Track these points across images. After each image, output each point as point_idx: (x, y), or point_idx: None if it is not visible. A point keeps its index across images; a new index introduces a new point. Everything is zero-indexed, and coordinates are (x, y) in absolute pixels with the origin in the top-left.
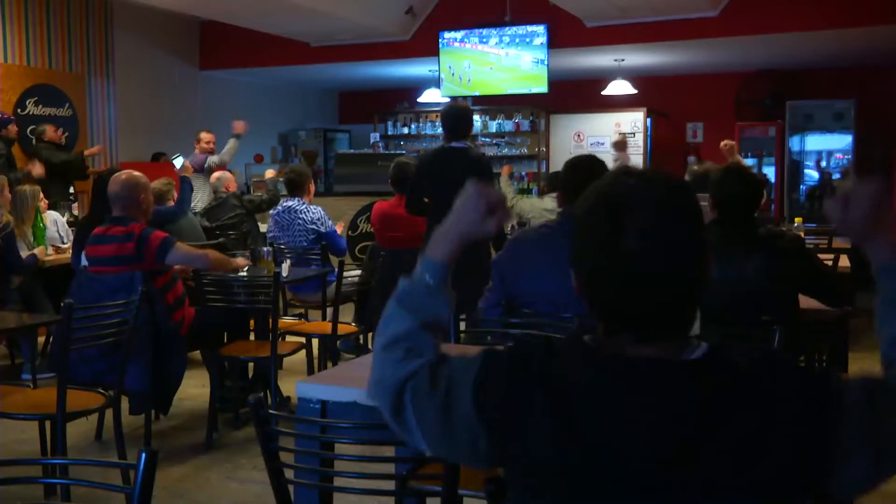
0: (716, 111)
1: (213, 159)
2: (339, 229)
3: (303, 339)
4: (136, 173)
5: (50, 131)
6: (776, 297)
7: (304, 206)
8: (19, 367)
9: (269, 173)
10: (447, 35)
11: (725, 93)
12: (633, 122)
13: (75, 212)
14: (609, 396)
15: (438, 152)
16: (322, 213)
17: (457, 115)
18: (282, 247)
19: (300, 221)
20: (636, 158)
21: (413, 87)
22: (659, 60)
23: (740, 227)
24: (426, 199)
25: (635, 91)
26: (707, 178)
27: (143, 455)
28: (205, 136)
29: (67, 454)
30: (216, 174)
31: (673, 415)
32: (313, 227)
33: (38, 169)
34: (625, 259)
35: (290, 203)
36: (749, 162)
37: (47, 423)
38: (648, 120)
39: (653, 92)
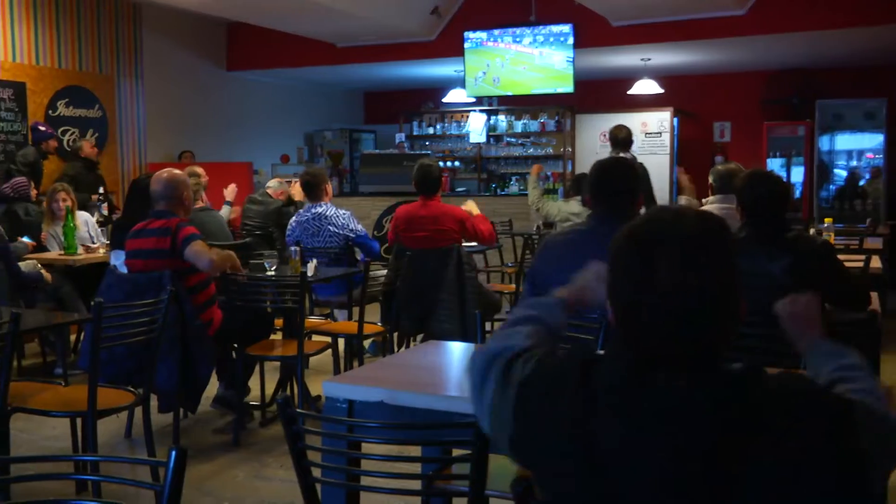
0: (743, 110)
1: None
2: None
3: (328, 339)
4: (177, 171)
5: (87, 147)
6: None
7: (333, 212)
8: (51, 364)
9: (297, 192)
10: (473, 35)
11: (753, 92)
12: (660, 121)
13: (104, 212)
14: (636, 431)
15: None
16: (351, 217)
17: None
18: (309, 248)
19: (331, 229)
20: (663, 159)
21: (438, 88)
22: (686, 59)
23: (769, 229)
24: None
25: (662, 90)
26: (731, 178)
27: (174, 453)
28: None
29: (98, 451)
30: (277, 179)
31: (702, 451)
32: (344, 233)
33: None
34: (657, 296)
35: (318, 209)
36: (777, 162)
37: (78, 421)
38: (675, 119)
39: (679, 91)
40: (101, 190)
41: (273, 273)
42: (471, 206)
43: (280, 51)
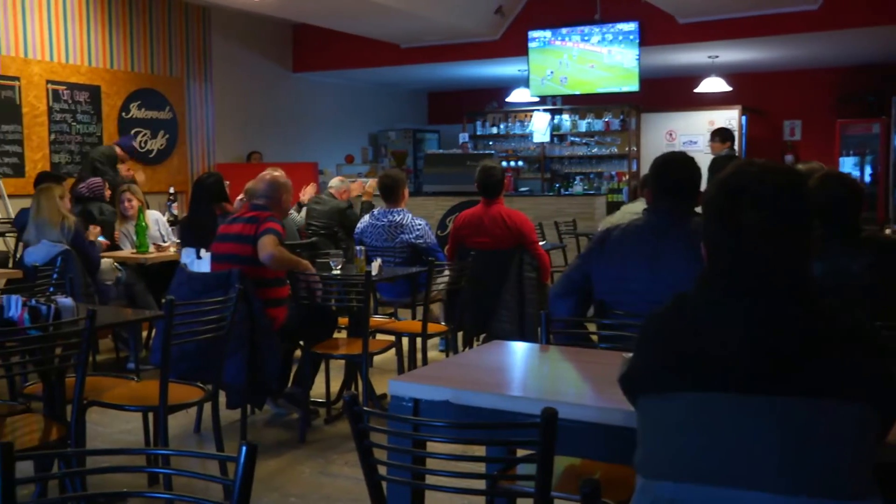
0: (815, 108)
1: None
2: None
3: (392, 338)
4: (278, 173)
5: (123, 170)
6: (885, 292)
7: (409, 220)
8: (124, 360)
9: (356, 189)
10: (539, 34)
11: (825, 89)
12: (728, 119)
13: (174, 211)
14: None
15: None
16: (427, 227)
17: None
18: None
19: (405, 237)
20: None
21: (502, 87)
22: (755, 56)
23: (844, 230)
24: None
25: (730, 88)
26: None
27: (244, 448)
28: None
29: (168, 445)
30: (339, 178)
31: (784, 330)
32: (416, 242)
33: (140, 176)
34: (741, 235)
35: (395, 217)
36: (850, 161)
37: (150, 415)
38: (743, 118)
39: (748, 89)
40: (172, 190)
41: (338, 272)
42: None
43: (345, 52)
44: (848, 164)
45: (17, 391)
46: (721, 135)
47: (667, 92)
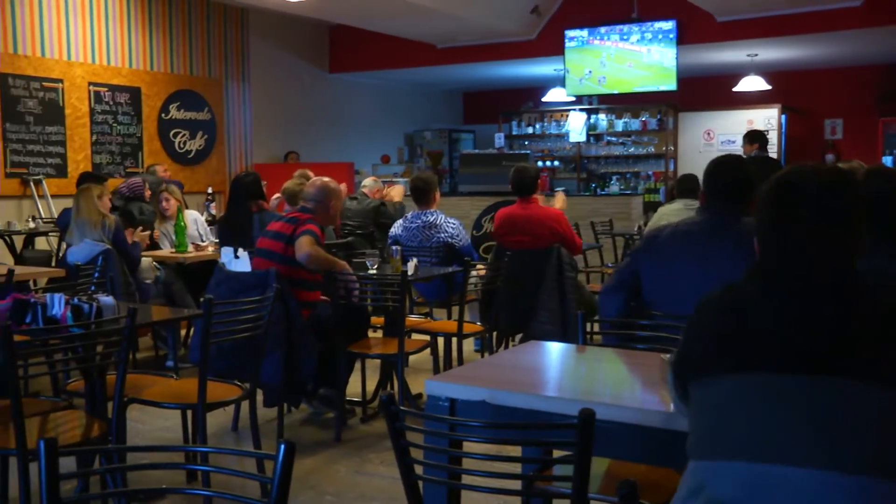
0: (856, 106)
1: None
2: (560, 201)
3: (428, 338)
4: (327, 179)
5: (160, 171)
6: None
7: (443, 221)
8: (162, 358)
9: (397, 194)
10: (576, 33)
11: (867, 86)
12: (767, 118)
13: (213, 211)
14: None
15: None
16: (461, 228)
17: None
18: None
19: (440, 236)
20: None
21: (538, 87)
22: (795, 54)
23: (887, 227)
24: None
25: (769, 87)
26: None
27: (283, 447)
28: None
29: (206, 442)
30: (372, 178)
31: (834, 318)
32: (451, 242)
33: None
34: (792, 230)
35: (429, 218)
36: (893, 160)
37: (189, 412)
38: (783, 117)
39: (788, 87)
40: (210, 190)
41: (374, 272)
42: (560, 201)
43: (381, 52)
44: (890, 164)
45: (59, 388)
46: (749, 137)
47: (705, 91)
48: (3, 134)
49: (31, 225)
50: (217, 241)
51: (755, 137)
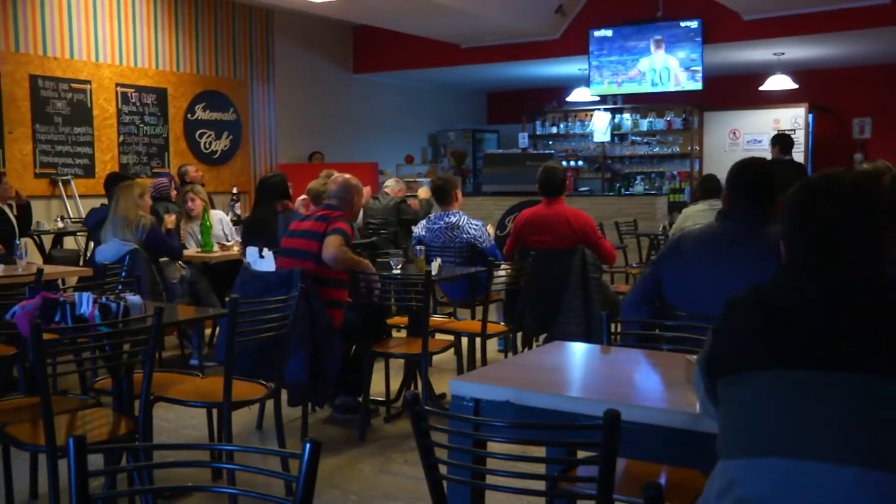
0: (886, 105)
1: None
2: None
3: (451, 338)
4: (348, 176)
5: (192, 171)
6: None
7: (465, 222)
8: (189, 356)
9: (423, 193)
10: (598, 33)
11: None
12: (793, 118)
13: (238, 211)
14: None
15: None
16: (483, 228)
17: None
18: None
19: (464, 237)
20: (797, 157)
21: (562, 87)
22: (823, 53)
23: None
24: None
25: (796, 86)
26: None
27: (308, 445)
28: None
29: (232, 441)
30: (394, 178)
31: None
32: (475, 243)
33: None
34: (815, 226)
35: (451, 219)
36: None
37: (214, 411)
38: (810, 116)
39: (815, 86)
40: (235, 190)
41: (398, 271)
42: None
43: (405, 53)
44: None
45: (87, 386)
46: (772, 140)
47: (730, 90)
48: (32, 135)
49: (60, 225)
50: (242, 240)
51: (777, 140)
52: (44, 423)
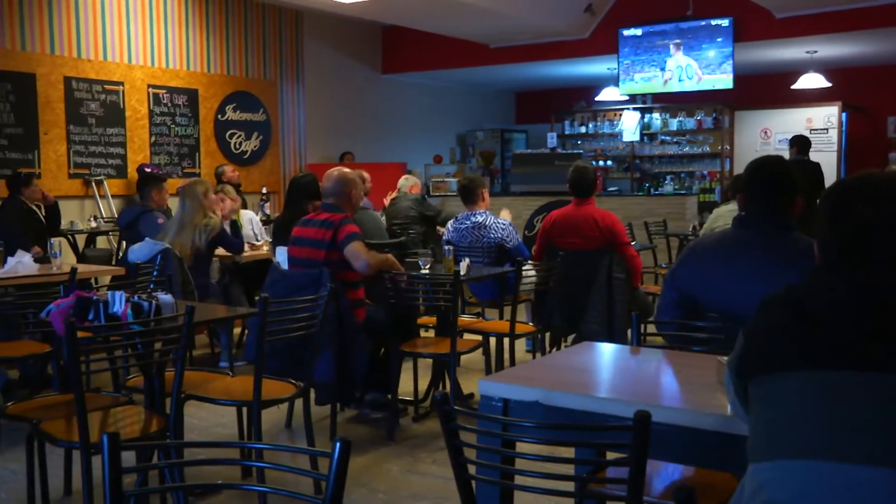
0: None
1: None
2: (507, 215)
3: (480, 338)
4: (347, 170)
5: (228, 172)
6: None
7: (492, 222)
8: (217, 355)
9: (506, 214)
10: (628, 32)
11: None
12: (826, 117)
13: (267, 211)
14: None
15: None
16: (510, 227)
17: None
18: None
19: (490, 238)
20: (829, 156)
21: (590, 86)
22: (856, 51)
23: None
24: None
25: (829, 84)
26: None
27: (339, 444)
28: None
29: (261, 439)
30: (404, 176)
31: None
32: (502, 242)
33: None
34: (848, 226)
35: (478, 218)
36: None
37: (244, 409)
38: (843, 115)
39: (849, 84)
40: (265, 190)
41: (426, 271)
42: (505, 214)
43: (434, 53)
44: None
45: (120, 384)
46: (790, 141)
47: (762, 89)
48: (67, 136)
49: (93, 224)
50: (271, 240)
51: (795, 141)
52: (78, 420)
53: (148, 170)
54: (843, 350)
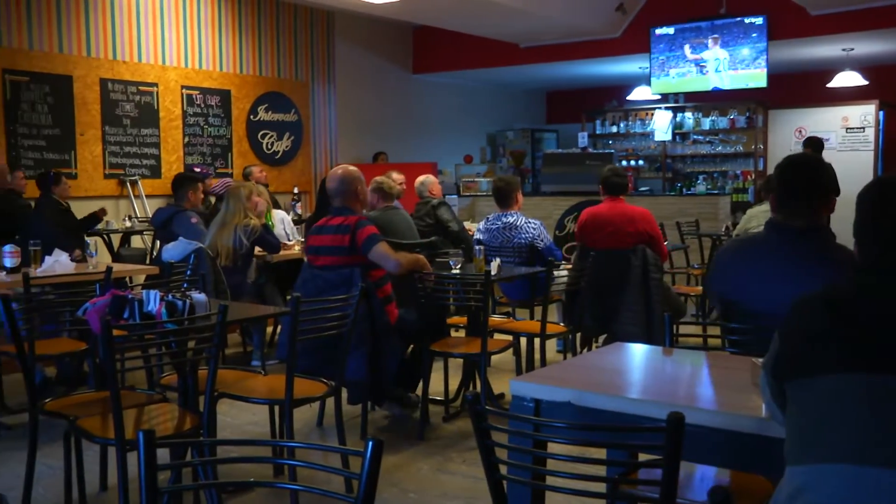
0: None
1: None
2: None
3: (510, 338)
4: (351, 167)
5: (256, 172)
6: None
7: (523, 222)
8: (250, 354)
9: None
10: (660, 31)
11: None
12: (863, 115)
13: (299, 211)
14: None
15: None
16: (542, 228)
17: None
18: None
19: (521, 238)
20: (866, 156)
21: (622, 86)
22: (894, 48)
23: None
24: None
25: (866, 82)
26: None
27: (371, 444)
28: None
29: (293, 438)
30: (420, 178)
31: None
32: (532, 243)
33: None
34: (887, 222)
35: (509, 219)
36: None
37: (276, 408)
38: (881, 113)
39: (886, 82)
40: (296, 190)
41: (457, 271)
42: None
43: (464, 53)
44: None
45: (154, 381)
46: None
47: (796, 87)
48: (102, 136)
49: (128, 224)
50: (303, 239)
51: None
52: (113, 417)
53: (197, 170)
54: (879, 353)
